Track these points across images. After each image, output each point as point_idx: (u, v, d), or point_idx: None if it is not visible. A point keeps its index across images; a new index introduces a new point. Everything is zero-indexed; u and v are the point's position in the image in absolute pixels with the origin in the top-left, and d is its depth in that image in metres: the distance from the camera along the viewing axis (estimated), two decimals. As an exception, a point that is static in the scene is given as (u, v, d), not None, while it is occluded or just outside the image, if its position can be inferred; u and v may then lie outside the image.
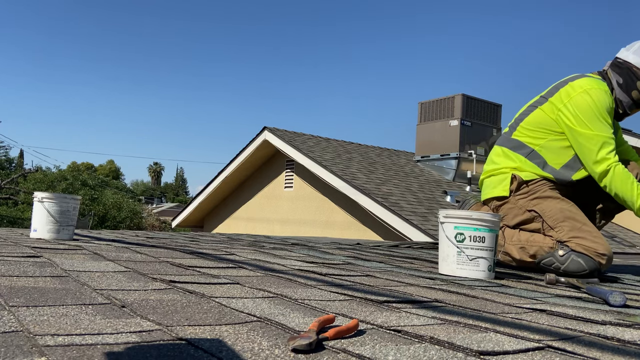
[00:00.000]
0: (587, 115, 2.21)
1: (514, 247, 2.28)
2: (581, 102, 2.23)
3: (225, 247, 2.57)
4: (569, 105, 2.25)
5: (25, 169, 21.99)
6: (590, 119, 2.20)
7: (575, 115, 2.23)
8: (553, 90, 2.37)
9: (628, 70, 2.33)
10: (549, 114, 2.32)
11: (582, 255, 2.15)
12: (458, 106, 9.63)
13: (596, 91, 2.25)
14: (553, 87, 2.39)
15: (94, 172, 48.42)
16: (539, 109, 2.36)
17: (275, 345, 0.78)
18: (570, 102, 2.25)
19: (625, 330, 1.07)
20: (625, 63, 2.34)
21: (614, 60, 2.41)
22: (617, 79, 2.35)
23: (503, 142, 2.47)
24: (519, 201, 2.31)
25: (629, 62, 2.33)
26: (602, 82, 2.33)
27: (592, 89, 2.25)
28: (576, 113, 2.23)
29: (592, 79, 2.33)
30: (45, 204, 2.33)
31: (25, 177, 21.01)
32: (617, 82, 2.34)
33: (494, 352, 0.81)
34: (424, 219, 6.88)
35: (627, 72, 2.33)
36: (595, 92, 2.24)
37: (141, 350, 0.70)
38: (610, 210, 2.49)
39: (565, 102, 2.27)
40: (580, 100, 2.24)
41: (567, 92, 2.29)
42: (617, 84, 2.34)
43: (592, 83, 2.29)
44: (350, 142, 11.33)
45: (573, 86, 2.30)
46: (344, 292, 1.35)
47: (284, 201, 9.81)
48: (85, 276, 1.30)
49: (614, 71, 2.37)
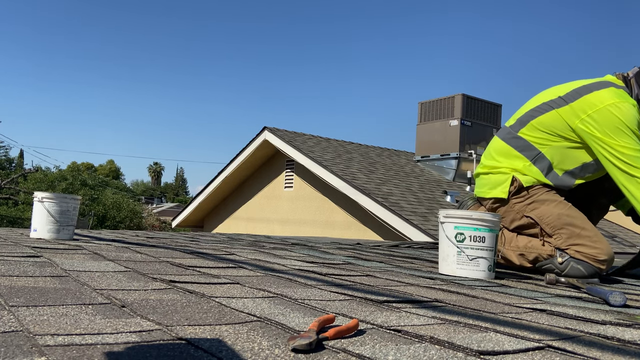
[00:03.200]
0: (614, 129, 2.12)
1: (514, 254, 2.25)
2: (608, 115, 2.13)
3: (225, 247, 2.57)
4: (594, 115, 2.14)
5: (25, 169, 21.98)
6: (618, 132, 2.12)
7: (601, 128, 2.13)
8: (575, 94, 2.24)
9: None
10: (566, 119, 2.20)
11: (582, 262, 2.12)
12: (458, 106, 9.63)
13: (625, 105, 2.16)
14: (574, 91, 2.26)
15: (94, 172, 48.44)
16: (555, 111, 2.23)
17: (275, 345, 0.78)
18: (597, 113, 2.14)
19: (626, 330, 1.07)
20: None
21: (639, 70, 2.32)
22: (638, 92, 2.27)
23: (507, 137, 2.35)
24: (515, 205, 2.26)
25: None
26: (627, 93, 2.25)
27: (620, 102, 2.16)
28: (603, 125, 2.13)
29: (617, 90, 2.23)
30: (46, 204, 2.33)
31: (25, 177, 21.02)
32: (637, 96, 2.27)
33: (494, 352, 0.81)
34: (424, 219, 6.88)
35: None
36: (624, 106, 2.15)
37: (141, 350, 0.70)
38: (604, 205, 2.47)
39: (589, 112, 2.16)
40: (607, 113, 2.13)
41: (592, 102, 2.18)
42: (637, 97, 2.27)
43: (619, 96, 2.19)
44: (350, 142, 11.33)
45: (599, 97, 2.18)
46: (344, 292, 1.35)
47: (284, 201, 9.81)
48: (85, 276, 1.30)
49: (637, 82, 2.29)
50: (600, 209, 2.48)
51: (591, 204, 2.43)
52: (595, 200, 2.43)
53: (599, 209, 2.47)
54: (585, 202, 2.40)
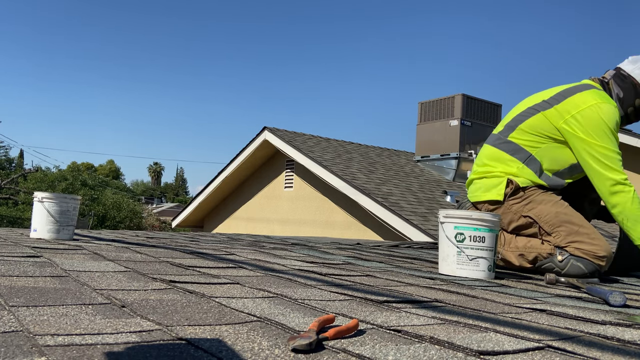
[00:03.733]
0: (597, 129, 2.16)
1: (513, 254, 2.26)
2: (592, 115, 2.18)
3: (225, 247, 2.57)
4: (578, 116, 2.19)
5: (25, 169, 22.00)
6: (600, 133, 2.16)
7: (584, 128, 2.17)
8: (559, 97, 2.29)
9: (631, 85, 2.31)
10: (551, 121, 2.25)
11: (581, 259, 2.13)
12: (458, 106, 9.63)
13: (606, 106, 2.21)
14: (558, 94, 2.31)
15: (94, 172, 48.45)
16: (541, 113, 2.28)
17: (275, 345, 0.78)
18: (580, 114, 2.19)
19: (625, 330, 1.07)
20: (629, 77, 2.32)
21: (617, 71, 2.37)
22: (618, 92, 2.32)
23: (497, 143, 2.39)
24: (512, 206, 2.26)
25: (634, 77, 2.31)
26: (608, 95, 2.30)
27: (603, 104, 2.21)
28: (586, 126, 2.17)
29: (600, 92, 2.28)
30: (45, 204, 2.33)
31: (25, 177, 21.02)
32: (618, 95, 2.31)
33: (494, 352, 0.81)
34: (424, 219, 6.88)
35: (629, 86, 2.31)
36: (606, 108, 2.20)
37: (141, 350, 0.70)
38: (595, 200, 2.49)
39: (573, 113, 2.21)
40: (591, 113, 2.18)
41: (576, 103, 2.23)
42: (617, 97, 2.31)
43: (602, 97, 2.24)
44: (350, 142, 11.33)
45: (582, 98, 2.23)
46: (344, 292, 1.35)
47: (284, 201, 9.82)
48: (85, 276, 1.30)
49: (616, 82, 2.33)
50: (591, 204, 2.53)
51: (583, 199, 2.47)
52: (586, 196, 2.47)
53: (590, 203, 2.51)
54: (578, 198, 2.43)
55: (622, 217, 2.14)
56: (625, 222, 2.14)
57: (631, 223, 2.12)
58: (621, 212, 2.14)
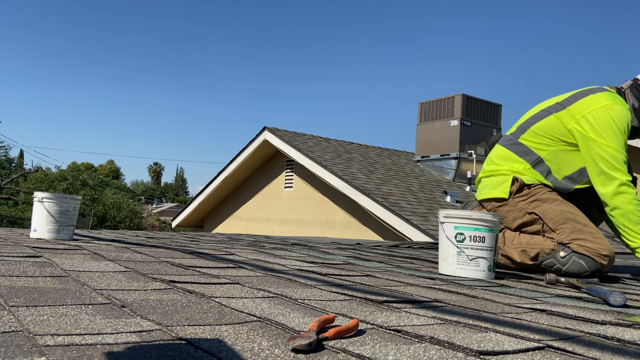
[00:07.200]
0: (607, 129, 2.17)
1: (515, 250, 2.26)
2: (602, 116, 2.19)
3: (225, 247, 2.57)
4: (589, 116, 2.20)
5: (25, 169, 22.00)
6: (609, 133, 2.17)
7: (594, 128, 2.18)
8: (571, 99, 2.31)
9: None
10: (563, 122, 2.26)
11: (584, 257, 2.14)
12: (458, 106, 9.63)
13: (618, 107, 2.22)
14: (571, 96, 2.33)
15: (94, 172, 48.42)
16: (553, 115, 2.30)
17: (275, 345, 0.78)
18: (591, 114, 2.20)
19: (625, 330, 1.07)
20: None
21: (634, 82, 2.38)
22: (634, 102, 2.33)
23: (508, 144, 2.42)
24: (518, 203, 2.28)
25: None
26: (621, 97, 2.30)
27: (615, 104, 2.22)
28: (594, 125, 2.18)
29: (612, 94, 2.29)
30: (45, 204, 2.33)
31: (25, 177, 21.02)
32: (633, 106, 2.32)
33: (494, 352, 0.81)
34: (424, 219, 6.88)
35: None
36: (617, 108, 2.21)
37: (141, 350, 0.70)
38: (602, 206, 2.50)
39: (584, 113, 2.22)
40: (602, 114, 2.19)
41: (587, 104, 2.24)
42: (633, 107, 2.32)
43: (614, 99, 2.25)
44: (350, 142, 11.33)
45: (595, 99, 2.25)
46: (344, 292, 1.35)
47: (284, 201, 9.81)
48: (85, 276, 1.30)
49: (632, 93, 2.34)
50: (600, 211, 2.50)
51: (592, 205, 2.47)
52: (596, 202, 2.46)
53: (599, 211, 2.50)
54: (587, 204, 2.44)
55: (622, 218, 2.15)
56: (626, 223, 2.15)
57: (632, 224, 2.14)
58: (623, 213, 2.15)
